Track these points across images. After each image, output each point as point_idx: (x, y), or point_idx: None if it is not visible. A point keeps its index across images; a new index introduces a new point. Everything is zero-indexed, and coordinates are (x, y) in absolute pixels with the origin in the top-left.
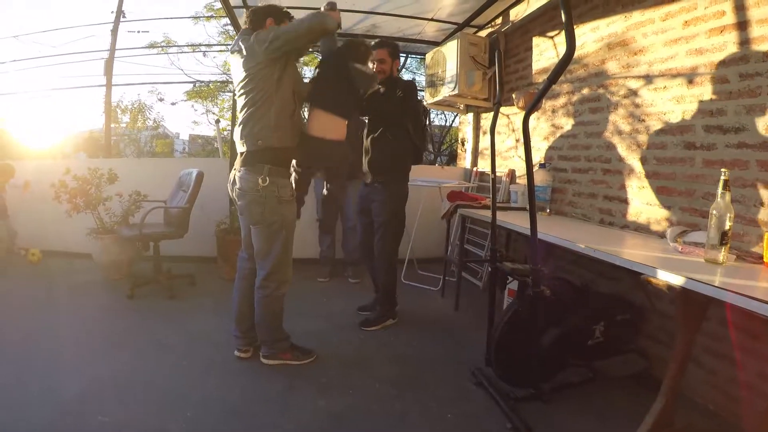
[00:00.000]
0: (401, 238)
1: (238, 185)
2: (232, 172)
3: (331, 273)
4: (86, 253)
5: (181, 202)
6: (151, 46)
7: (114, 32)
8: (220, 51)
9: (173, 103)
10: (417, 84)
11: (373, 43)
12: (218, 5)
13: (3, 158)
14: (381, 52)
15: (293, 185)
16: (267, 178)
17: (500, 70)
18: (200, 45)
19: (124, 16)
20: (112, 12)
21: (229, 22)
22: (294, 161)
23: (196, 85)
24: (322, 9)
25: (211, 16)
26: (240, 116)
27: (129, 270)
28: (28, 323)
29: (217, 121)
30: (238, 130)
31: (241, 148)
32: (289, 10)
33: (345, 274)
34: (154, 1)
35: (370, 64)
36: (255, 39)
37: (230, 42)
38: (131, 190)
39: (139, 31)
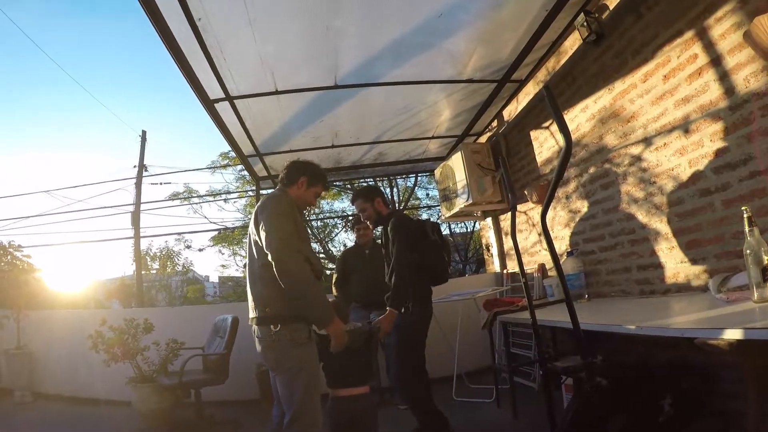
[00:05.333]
0: (415, 367)
1: (256, 333)
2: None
3: (380, 401)
4: (125, 401)
5: (219, 348)
6: (173, 197)
7: (138, 186)
8: (240, 196)
9: (200, 249)
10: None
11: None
12: (233, 154)
13: (37, 307)
14: (357, 204)
15: (309, 329)
16: (279, 324)
17: (508, 176)
18: (220, 192)
19: (146, 170)
20: (135, 166)
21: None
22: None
23: (221, 231)
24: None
25: (227, 165)
26: (247, 275)
27: (170, 417)
28: None
29: (245, 266)
30: (248, 290)
31: (252, 312)
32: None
33: (393, 401)
34: (174, 152)
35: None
36: (265, 218)
37: (248, 187)
38: (167, 338)
39: (161, 183)
